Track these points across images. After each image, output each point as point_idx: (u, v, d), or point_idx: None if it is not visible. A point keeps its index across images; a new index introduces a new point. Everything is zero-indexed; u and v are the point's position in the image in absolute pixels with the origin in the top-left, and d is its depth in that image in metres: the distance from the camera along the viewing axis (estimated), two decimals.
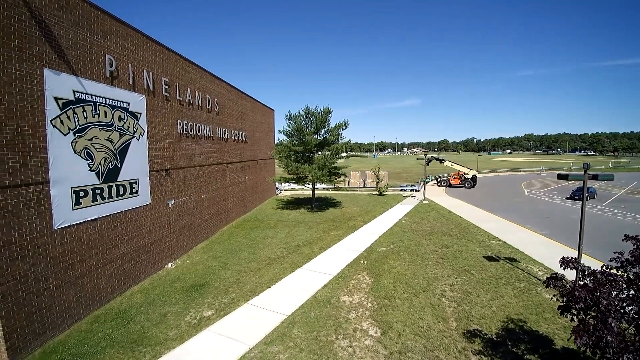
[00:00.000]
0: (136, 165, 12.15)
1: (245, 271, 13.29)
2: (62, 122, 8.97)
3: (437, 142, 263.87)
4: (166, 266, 14.05)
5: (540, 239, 17.33)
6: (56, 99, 8.73)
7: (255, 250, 15.91)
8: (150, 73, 12.77)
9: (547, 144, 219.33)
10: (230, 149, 21.32)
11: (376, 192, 33.91)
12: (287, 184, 36.32)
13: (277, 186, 37.00)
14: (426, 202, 28.44)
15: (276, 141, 31.43)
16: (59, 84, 8.76)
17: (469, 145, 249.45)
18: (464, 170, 40.34)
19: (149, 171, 12.92)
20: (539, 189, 37.40)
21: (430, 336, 8.71)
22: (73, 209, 9.44)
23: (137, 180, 12.20)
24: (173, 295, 11.30)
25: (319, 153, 25.03)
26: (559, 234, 18.11)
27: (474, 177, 39.63)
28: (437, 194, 33.50)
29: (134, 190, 12.06)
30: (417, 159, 39.00)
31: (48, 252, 8.58)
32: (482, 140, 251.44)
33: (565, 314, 5.98)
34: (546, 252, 14.79)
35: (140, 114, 12.33)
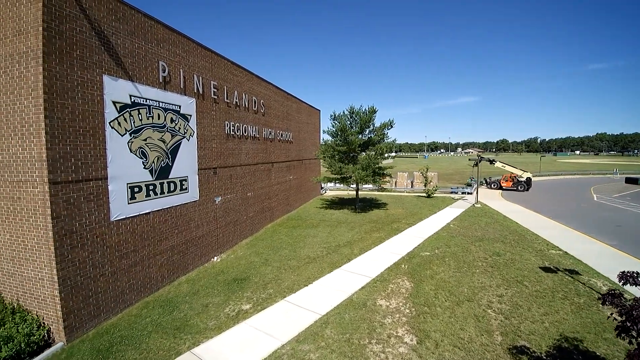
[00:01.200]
0: (186, 163, 12.94)
1: (284, 268, 13.54)
2: (119, 123, 9.87)
3: (495, 142, 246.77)
4: (212, 259, 14.81)
5: (607, 250, 15.35)
6: (114, 102, 9.63)
7: (296, 248, 16.14)
8: (200, 77, 13.55)
9: (622, 145, 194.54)
10: (275, 149, 21.90)
11: (424, 194, 32.61)
12: (332, 184, 36.46)
13: (322, 186, 37.26)
14: (479, 205, 26.69)
15: (322, 142, 31.64)
16: (116, 89, 9.65)
17: (531, 146, 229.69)
18: (516, 171, 37.09)
19: (198, 169, 13.69)
20: (610, 194, 33.16)
21: (470, 349, 8.12)
22: (128, 203, 10.33)
23: (186, 178, 13.00)
24: (216, 287, 11.86)
25: (364, 153, 24.67)
26: (630, 245, 15.90)
27: (528, 179, 36.30)
28: (491, 198, 31.28)
29: (183, 187, 12.87)
30: (469, 159, 36.63)
31: (105, 242, 9.47)
32: (546, 140, 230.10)
33: (623, 335, 5.19)
34: (613, 264, 13.04)
35: (191, 116, 13.13)
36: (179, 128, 12.51)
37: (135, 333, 8.89)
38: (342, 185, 28.66)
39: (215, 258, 14.99)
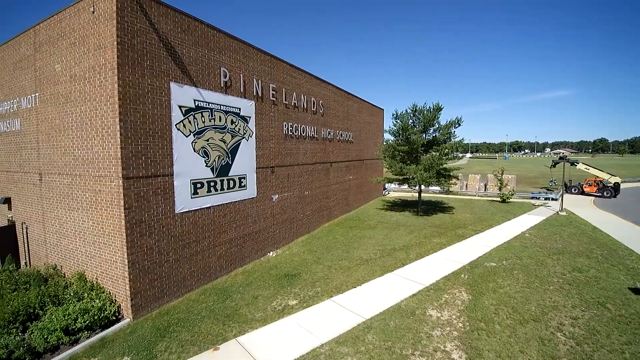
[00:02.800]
0: (245, 162, 13.73)
1: (335, 268, 13.54)
2: (184, 125, 10.87)
3: (591, 141, 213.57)
4: (268, 254, 15.47)
5: None
6: (180, 106, 10.64)
7: (350, 249, 16.02)
8: (259, 81, 14.26)
9: None
10: (334, 148, 22.02)
11: (498, 199, 29.73)
12: (395, 185, 35.38)
13: (385, 187, 36.38)
14: (564, 213, 23.42)
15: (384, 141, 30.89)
16: (182, 95, 10.65)
17: (636, 146, 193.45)
18: (603, 175, 31.35)
19: (256, 168, 14.42)
20: None
21: None
22: (191, 198, 11.32)
23: (245, 176, 13.79)
24: (267, 280, 12.36)
25: (428, 153, 23.41)
26: None
27: (616, 184, 30.48)
28: (580, 205, 27.17)
29: (242, 185, 13.68)
30: (553, 161, 32.17)
31: (170, 232, 10.52)
32: None
33: None
34: None
35: (250, 117, 13.89)
36: (239, 129, 13.31)
37: (191, 317, 9.71)
38: (406, 186, 27.59)
39: (271, 253, 15.63)
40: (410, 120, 23.51)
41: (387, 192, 36.36)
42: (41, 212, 11.84)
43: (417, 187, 24.40)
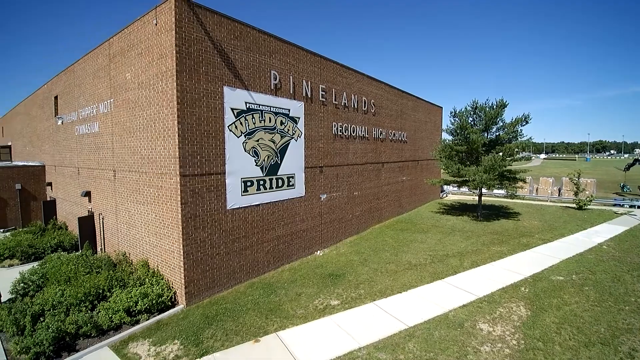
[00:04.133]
0: (293, 162, 14.06)
1: (381, 271, 13.24)
2: (236, 127, 11.48)
3: None
4: (315, 253, 15.65)
5: None
6: (232, 109, 11.25)
7: (399, 252, 15.54)
8: (309, 82, 14.48)
9: None
10: (386, 148, 21.51)
11: (574, 205, 26.50)
12: (454, 187, 33.49)
13: (443, 189, 34.61)
14: None
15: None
16: (234, 98, 11.25)
17: None
18: None
19: (305, 167, 14.67)
20: None
21: None
22: (241, 195, 11.91)
23: (293, 175, 14.12)
24: (312, 279, 12.52)
25: (490, 153, 21.70)
26: None
27: None
28: None
29: (290, 183, 14.02)
30: (628, 164, 27.64)
31: (221, 226, 11.19)
32: None
33: None
34: None
35: (299, 118, 14.18)
36: (288, 129, 13.67)
37: (237, 308, 10.23)
38: (466, 189, 25.97)
39: (318, 252, 15.79)
40: (470, 118, 22.01)
41: (444, 195, 34.55)
42: (114, 205, 13.40)
43: (476, 190, 22.78)
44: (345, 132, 17.27)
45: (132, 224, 12.39)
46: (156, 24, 9.98)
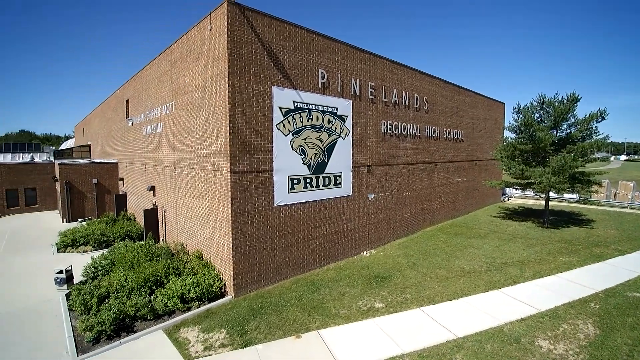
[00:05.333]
0: (341, 160, 13.98)
1: (430, 276, 12.62)
2: (283, 125, 11.71)
3: None
4: (362, 253, 15.42)
5: None
6: (280, 108, 11.49)
7: (451, 257, 14.69)
8: (357, 80, 14.28)
9: None
10: (440, 147, 20.47)
11: None
12: (517, 190, 30.88)
13: (505, 191, 32.08)
14: None
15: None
16: (282, 97, 11.48)
17: None
18: None
19: (352, 166, 14.52)
20: None
21: None
22: (288, 193, 12.13)
23: (340, 174, 14.04)
24: (357, 279, 12.34)
25: (559, 153, 19.56)
26: None
27: None
28: None
29: (337, 182, 13.96)
30: None
31: (269, 222, 11.50)
32: None
33: None
34: None
35: (347, 116, 14.06)
36: (335, 128, 13.62)
37: (282, 303, 10.42)
38: (531, 192, 23.77)
39: (365, 252, 15.52)
40: (537, 115, 20.02)
41: (506, 198, 31.98)
42: (174, 199, 14.46)
43: (543, 194, 20.67)
44: (395, 130, 16.76)
45: (189, 217, 13.26)
46: (210, 29, 10.55)
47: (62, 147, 49.92)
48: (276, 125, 11.44)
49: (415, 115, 18.04)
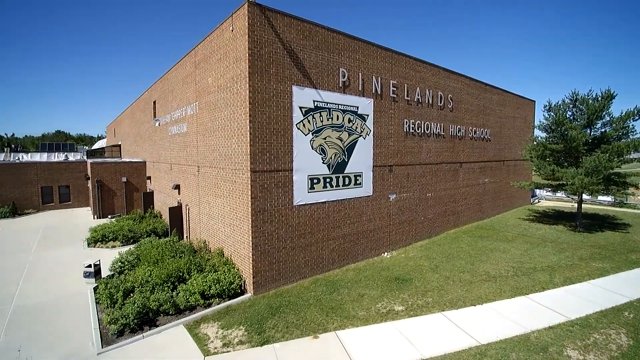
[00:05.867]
0: (361, 160, 13.81)
1: (453, 280, 12.25)
2: (303, 125, 11.69)
3: None
4: (382, 254, 15.18)
5: None
6: (300, 107, 11.48)
7: (475, 261, 14.20)
8: (379, 78, 14.07)
9: None
10: (465, 147, 19.86)
11: None
12: (547, 192, 29.51)
13: (535, 193, 30.75)
14: None
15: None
16: (302, 97, 11.47)
17: None
18: None
19: (373, 166, 14.32)
20: None
21: None
22: (308, 192, 12.10)
23: (361, 174, 13.88)
24: (377, 280, 12.15)
25: (593, 153, 18.48)
26: None
27: None
28: None
29: (357, 182, 13.81)
30: None
31: (288, 221, 11.52)
32: None
33: None
34: None
35: (368, 115, 13.88)
36: (356, 127, 13.47)
37: (300, 302, 10.41)
38: (563, 194, 22.65)
39: (386, 254, 15.28)
40: (569, 113, 19.01)
41: (536, 200, 30.63)
42: (197, 197, 14.78)
43: (575, 196, 19.62)
44: (418, 129, 16.39)
45: (211, 215, 13.52)
46: (232, 30, 10.69)
47: (95, 146, 52.40)
48: (296, 124, 11.44)
49: (439, 113, 17.58)
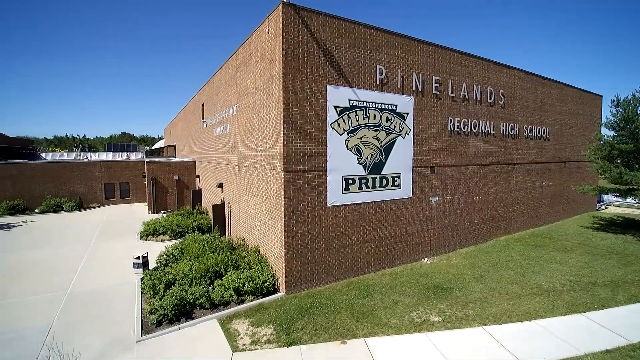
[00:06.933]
0: (400, 161, 13.30)
1: (499, 292, 11.31)
2: (338, 124, 11.51)
3: None
4: (422, 260, 14.49)
5: None
6: (335, 107, 11.32)
7: (527, 272, 13.01)
8: (420, 74, 13.43)
9: None
10: (519, 147, 18.31)
11: None
12: (616, 197, 26.29)
13: (602, 199, 27.57)
14: None
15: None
16: (337, 96, 11.29)
17: None
18: None
19: (412, 167, 13.72)
20: None
21: None
22: (342, 193, 11.91)
23: (399, 175, 13.37)
24: (414, 288, 11.61)
25: None
26: None
27: None
28: None
29: (396, 183, 13.32)
30: None
31: (321, 222, 11.42)
32: None
33: None
34: None
35: (407, 114, 13.32)
36: (394, 126, 12.99)
37: (331, 305, 10.26)
38: (634, 200, 20.02)
39: (426, 259, 14.57)
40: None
41: (603, 206, 27.40)
42: (238, 195, 15.26)
43: None
44: (464, 128, 15.40)
45: (249, 213, 13.87)
46: (268, 32, 10.83)
47: (154, 147, 56.71)
48: (330, 124, 11.30)
49: (488, 110, 16.37)
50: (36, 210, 26.50)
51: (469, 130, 15.61)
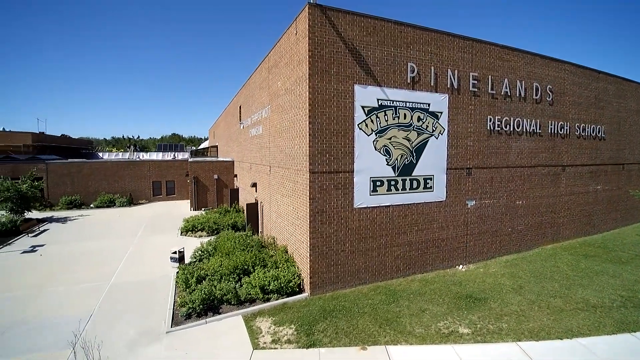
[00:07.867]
0: (432, 162, 12.77)
1: (539, 305, 10.46)
2: (366, 125, 11.31)
3: None
4: (457, 267, 13.81)
5: None
6: (362, 107, 11.13)
7: (573, 285, 11.91)
8: (455, 71, 12.79)
9: None
10: (569, 147, 16.80)
11: None
12: None
13: None
14: None
15: None
16: (365, 96, 11.09)
17: None
18: None
19: (447, 169, 13.12)
20: None
21: None
22: (370, 195, 11.68)
23: (432, 177, 12.84)
24: (444, 296, 11.09)
25: None
26: None
27: None
28: None
29: (427, 186, 12.82)
30: None
31: (348, 224, 11.29)
32: None
33: None
34: None
35: (441, 113, 12.75)
36: (427, 126, 12.49)
37: (354, 309, 10.10)
38: None
39: (460, 266, 13.86)
40: None
41: None
42: (269, 195, 15.56)
43: None
44: (506, 127, 14.42)
45: (279, 213, 14.10)
46: (296, 34, 10.90)
47: (200, 147, 59.77)
48: (358, 124, 11.13)
49: (533, 108, 15.19)
50: (91, 205, 29.04)
51: (511, 129, 14.60)
